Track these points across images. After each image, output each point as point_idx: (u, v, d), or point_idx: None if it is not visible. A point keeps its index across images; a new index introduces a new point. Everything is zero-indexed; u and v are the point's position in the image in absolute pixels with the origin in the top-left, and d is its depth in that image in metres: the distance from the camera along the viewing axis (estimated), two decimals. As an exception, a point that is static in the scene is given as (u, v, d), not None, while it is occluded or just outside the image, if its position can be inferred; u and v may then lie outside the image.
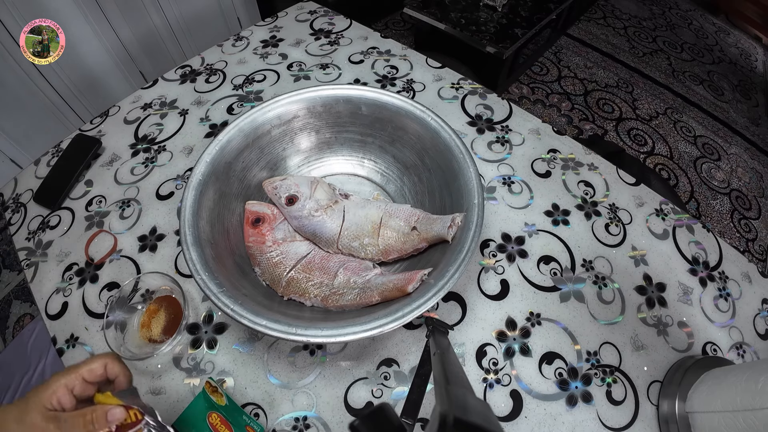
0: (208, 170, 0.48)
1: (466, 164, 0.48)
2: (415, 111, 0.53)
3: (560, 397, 0.47)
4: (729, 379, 0.42)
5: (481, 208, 0.44)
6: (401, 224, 0.49)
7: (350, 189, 0.57)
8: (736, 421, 0.38)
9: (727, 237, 1.44)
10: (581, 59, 2.00)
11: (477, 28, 1.49)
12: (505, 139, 0.70)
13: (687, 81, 1.96)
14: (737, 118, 1.85)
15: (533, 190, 0.64)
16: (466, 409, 0.20)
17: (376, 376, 0.48)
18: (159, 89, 0.79)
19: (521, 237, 0.59)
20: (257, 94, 0.77)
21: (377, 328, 0.37)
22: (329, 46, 0.86)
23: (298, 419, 0.46)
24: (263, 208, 0.52)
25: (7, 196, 0.67)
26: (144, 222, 0.61)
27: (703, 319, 0.54)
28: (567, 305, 0.53)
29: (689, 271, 0.57)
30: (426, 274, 0.42)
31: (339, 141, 0.59)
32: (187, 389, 0.48)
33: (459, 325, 0.52)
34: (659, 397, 0.48)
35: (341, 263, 0.48)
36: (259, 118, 0.53)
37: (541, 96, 1.82)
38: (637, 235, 0.60)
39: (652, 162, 1.62)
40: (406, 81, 0.78)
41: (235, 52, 0.85)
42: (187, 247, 0.42)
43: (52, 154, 0.71)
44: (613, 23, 2.23)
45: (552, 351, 0.50)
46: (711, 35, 2.27)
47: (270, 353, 0.50)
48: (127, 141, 0.71)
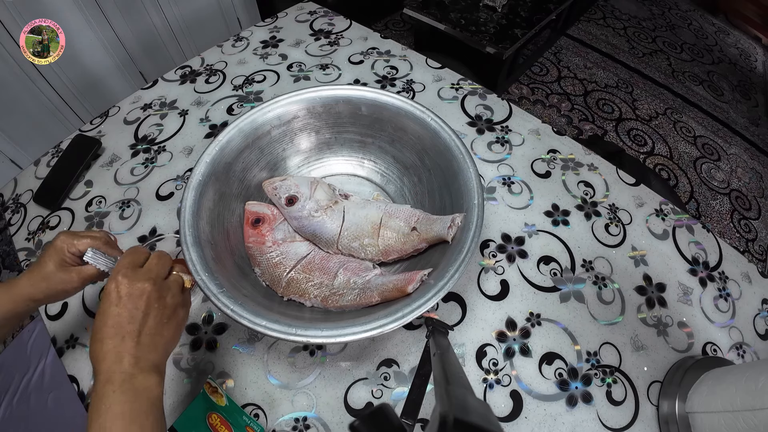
0: (208, 171, 0.48)
1: (465, 164, 0.48)
2: (414, 111, 0.53)
3: (560, 398, 0.47)
4: (729, 380, 0.42)
5: (481, 209, 0.44)
6: (401, 225, 0.49)
7: (350, 189, 0.57)
8: (736, 421, 0.38)
9: (727, 237, 1.44)
10: (581, 60, 2.00)
11: (477, 29, 1.49)
12: (505, 139, 0.70)
13: (687, 81, 1.96)
14: (737, 119, 1.85)
15: (533, 191, 0.64)
16: (466, 410, 0.20)
17: (376, 377, 0.48)
18: (159, 90, 0.79)
19: (521, 237, 0.59)
20: (257, 94, 0.77)
21: (377, 329, 0.37)
22: (329, 46, 0.86)
23: (298, 420, 0.46)
24: (263, 209, 0.52)
25: (7, 197, 0.67)
26: (144, 222, 0.61)
27: (703, 320, 0.54)
28: (567, 305, 0.53)
29: (689, 271, 0.57)
30: (426, 274, 0.42)
31: (339, 141, 0.59)
32: (187, 390, 0.48)
33: (459, 325, 0.52)
34: (659, 397, 0.48)
35: (341, 264, 0.48)
36: (259, 118, 0.53)
37: (541, 96, 1.83)
38: (637, 236, 0.60)
39: (651, 162, 1.62)
40: (406, 81, 0.78)
41: (235, 53, 0.85)
42: (187, 248, 0.42)
43: (52, 155, 0.71)
44: (613, 24, 2.24)
45: (552, 351, 0.50)
46: (711, 35, 2.27)
47: (270, 354, 0.50)
48: (127, 141, 0.71)
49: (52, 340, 0.52)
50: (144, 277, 0.34)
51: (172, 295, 0.35)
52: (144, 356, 0.32)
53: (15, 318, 0.39)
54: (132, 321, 0.32)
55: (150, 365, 0.32)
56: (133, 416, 0.29)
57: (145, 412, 0.30)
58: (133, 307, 0.32)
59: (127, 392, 0.29)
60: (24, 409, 0.64)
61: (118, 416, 0.28)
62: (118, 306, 0.32)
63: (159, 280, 0.35)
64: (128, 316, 0.32)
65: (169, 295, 0.35)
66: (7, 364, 0.69)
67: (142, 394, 0.30)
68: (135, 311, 0.32)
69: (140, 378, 0.30)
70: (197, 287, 0.39)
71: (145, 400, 0.30)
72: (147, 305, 0.33)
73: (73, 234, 0.40)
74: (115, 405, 0.29)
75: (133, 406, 0.29)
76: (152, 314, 0.33)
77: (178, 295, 0.36)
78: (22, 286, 0.39)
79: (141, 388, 0.30)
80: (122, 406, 0.29)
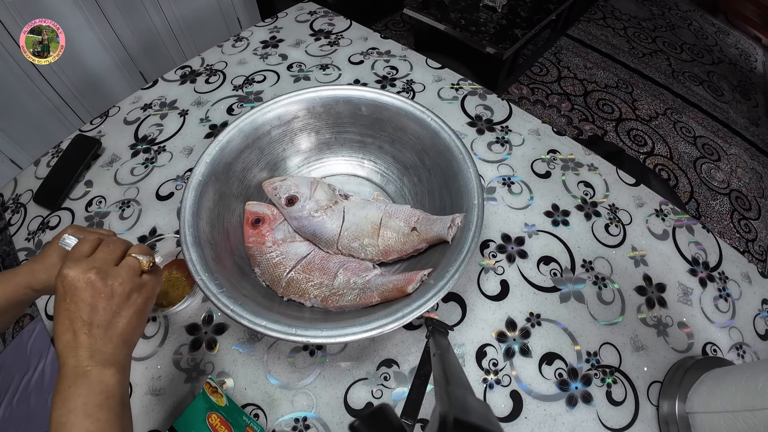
0: (208, 171, 0.48)
1: (465, 165, 0.48)
2: (414, 111, 0.53)
3: (560, 398, 0.47)
4: (729, 380, 0.42)
5: (480, 209, 0.44)
6: (401, 225, 0.49)
7: (350, 189, 0.57)
8: (736, 421, 0.38)
9: (726, 237, 1.44)
10: (581, 60, 2.00)
11: (477, 29, 1.49)
12: (505, 139, 0.70)
13: (687, 81, 1.96)
14: (737, 119, 1.85)
15: (533, 191, 0.64)
16: (466, 410, 0.20)
17: (375, 377, 0.48)
18: (159, 90, 0.79)
19: (521, 237, 0.59)
20: (257, 94, 0.77)
21: (377, 329, 0.37)
22: (329, 46, 0.86)
23: (298, 420, 0.46)
24: (263, 209, 0.52)
25: (7, 197, 0.67)
26: (144, 222, 0.61)
27: (703, 320, 0.54)
28: (567, 306, 0.53)
29: (689, 271, 0.57)
30: (426, 274, 0.42)
31: (339, 141, 0.59)
32: (187, 390, 0.48)
33: (459, 325, 0.52)
34: (659, 397, 0.48)
35: (341, 264, 0.48)
36: (259, 118, 0.53)
37: (541, 96, 1.83)
38: (636, 236, 0.60)
39: (651, 162, 1.62)
40: (406, 81, 0.78)
41: (235, 53, 0.85)
42: (187, 248, 0.42)
43: (52, 155, 0.71)
44: (613, 24, 2.24)
45: (552, 351, 0.50)
46: (711, 36, 2.27)
47: (270, 354, 0.50)
48: (127, 141, 0.71)
49: (52, 340, 0.52)
50: (87, 266, 0.32)
51: (121, 281, 0.33)
52: (99, 349, 0.31)
53: (14, 306, 0.39)
54: (80, 314, 0.31)
55: (105, 358, 0.31)
56: (87, 411, 0.28)
57: (99, 406, 0.29)
58: (79, 300, 0.31)
59: (81, 386, 0.29)
60: (24, 409, 0.64)
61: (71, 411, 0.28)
62: (65, 301, 0.31)
63: (105, 267, 0.33)
64: (76, 309, 0.31)
65: (118, 281, 0.33)
66: (7, 364, 0.69)
67: (96, 387, 0.29)
68: (81, 304, 0.31)
69: (95, 371, 0.30)
70: (158, 265, 0.37)
71: (98, 394, 0.29)
72: (93, 296, 0.31)
73: (80, 229, 0.40)
74: (69, 400, 0.28)
75: (87, 399, 0.29)
76: (101, 305, 0.31)
77: (130, 280, 0.34)
78: (22, 274, 0.38)
79: (95, 381, 0.29)
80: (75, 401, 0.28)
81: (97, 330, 0.31)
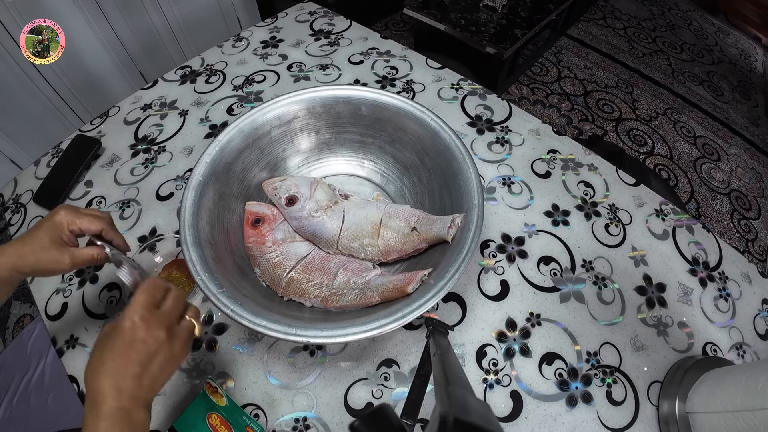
0: (208, 171, 0.48)
1: (465, 165, 0.48)
2: (414, 111, 0.53)
3: (560, 398, 0.47)
4: (729, 380, 0.42)
5: (481, 209, 0.44)
6: (401, 225, 0.49)
7: (350, 189, 0.57)
8: (736, 421, 0.38)
9: (726, 237, 1.44)
10: (581, 60, 2.00)
11: (477, 29, 1.49)
12: (505, 139, 0.70)
13: (687, 81, 1.96)
14: (737, 119, 1.85)
15: (533, 191, 0.64)
16: (466, 410, 0.20)
17: (376, 377, 0.48)
18: (159, 90, 0.79)
19: (521, 237, 0.59)
20: (257, 94, 0.77)
21: (377, 329, 0.37)
22: (329, 46, 0.86)
23: (298, 420, 0.46)
24: (263, 209, 0.52)
25: (7, 197, 0.67)
26: (144, 222, 0.61)
27: (703, 320, 0.54)
28: (567, 306, 0.53)
29: (689, 271, 0.57)
30: (426, 274, 0.42)
31: (339, 142, 0.59)
32: (187, 390, 0.48)
33: (459, 325, 0.52)
34: (659, 397, 0.48)
35: (341, 264, 0.48)
36: (259, 118, 0.53)
37: (541, 96, 1.83)
38: (637, 236, 0.60)
39: (651, 162, 1.62)
40: (406, 81, 0.78)
41: (235, 53, 0.85)
42: (187, 248, 0.42)
43: (51, 155, 0.71)
44: (613, 24, 2.23)
45: (552, 351, 0.50)
46: (710, 36, 2.27)
47: (270, 354, 0.50)
48: (127, 141, 0.71)
49: (52, 340, 0.52)
50: (161, 324, 0.33)
51: (181, 344, 0.35)
52: (141, 396, 0.32)
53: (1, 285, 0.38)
54: (139, 365, 0.31)
55: (144, 402, 0.32)
56: None
57: None
58: (143, 352, 0.32)
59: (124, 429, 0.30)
60: (24, 409, 0.64)
61: None
62: (129, 348, 0.31)
63: (173, 326, 0.34)
64: (137, 360, 0.31)
65: (178, 344, 0.34)
66: (7, 364, 0.69)
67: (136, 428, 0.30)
68: (144, 357, 0.32)
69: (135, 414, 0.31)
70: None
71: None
72: (156, 352, 0.32)
73: (75, 210, 0.39)
74: None
75: None
76: (158, 360, 0.32)
77: (186, 343, 0.35)
78: (9, 254, 0.37)
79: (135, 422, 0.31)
80: None
81: (146, 381, 0.32)
